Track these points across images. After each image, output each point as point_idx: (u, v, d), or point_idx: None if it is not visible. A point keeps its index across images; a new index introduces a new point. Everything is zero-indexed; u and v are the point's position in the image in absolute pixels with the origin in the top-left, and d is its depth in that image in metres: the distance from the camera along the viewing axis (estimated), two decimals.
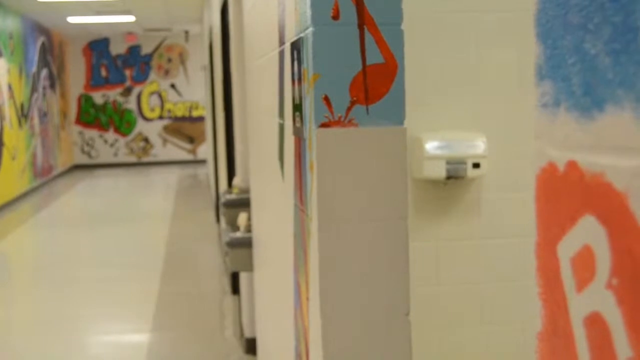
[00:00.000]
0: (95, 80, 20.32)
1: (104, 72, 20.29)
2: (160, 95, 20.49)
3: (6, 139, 13.61)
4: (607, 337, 0.62)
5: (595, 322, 0.64)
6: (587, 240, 0.65)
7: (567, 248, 0.69)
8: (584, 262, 0.66)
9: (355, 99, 1.95)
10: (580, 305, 0.67)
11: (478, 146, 3.00)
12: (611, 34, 0.61)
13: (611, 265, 0.61)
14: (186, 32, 19.55)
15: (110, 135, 20.46)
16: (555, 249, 0.71)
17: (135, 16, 15.69)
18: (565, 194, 0.68)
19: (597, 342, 0.64)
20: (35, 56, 16.39)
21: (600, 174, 0.62)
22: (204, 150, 19.74)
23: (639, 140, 0.57)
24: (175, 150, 20.60)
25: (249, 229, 4.54)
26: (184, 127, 20.59)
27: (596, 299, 0.63)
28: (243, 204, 4.84)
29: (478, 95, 3.05)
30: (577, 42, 0.66)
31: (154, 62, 20.36)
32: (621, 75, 0.60)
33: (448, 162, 2.98)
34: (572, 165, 0.67)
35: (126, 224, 11.36)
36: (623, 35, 0.59)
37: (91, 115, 20.40)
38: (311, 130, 2.00)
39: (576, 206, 0.66)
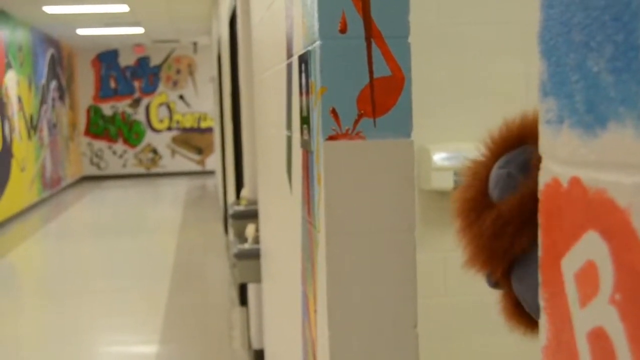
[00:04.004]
0: (104, 92, 20.39)
1: (112, 84, 20.36)
2: (168, 107, 20.55)
3: (15, 150, 13.65)
4: (611, 352, 0.63)
5: (598, 337, 0.65)
6: (591, 256, 0.66)
7: (571, 263, 0.69)
8: (588, 278, 0.66)
9: (362, 112, 1.96)
10: (584, 320, 0.67)
11: None
12: (613, 52, 0.62)
13: (614, 280, 0.62)
14: (194, 44, 19.62)
15: (119, 146, 20.51)
16: (559, 264, 0.72)
17: (144, 28, 15.75)
18: (569, 210, 0.69)
19: (600, 356, 0.65)
20: (44, 68, 16.46)
21: (603, 190, 0.63)
22: (213, 162, 19.77)
23: None
24: (184, 161, 20.64)
25: (257, 240, 4.55)
26: (192, 138, 20.63)
27: (599, 314, 0.64)
28: (251, 215, 4.85)
29: (485, 107, 3.05)
30: (580, 59, 0.67)
31: (163, 74, 20.42)
32: (623, 93, 0.60)
33: (456, 173, 2.99)
34: (575, 181, 0.68)
35: (135, 235, 11.39)
36: (625, 54, 0.60)
37: (100, 127, 20.46)
38: (319, 143, 2.01)
39: (580, 222, 0.67)
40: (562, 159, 0.70)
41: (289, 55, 2.56)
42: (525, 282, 1.06)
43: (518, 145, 1.12)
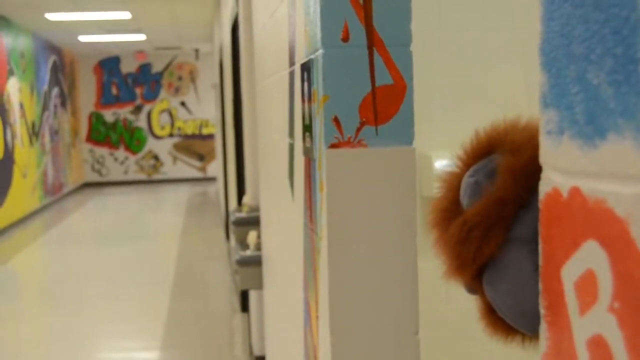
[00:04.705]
0: (105, 99, 20.41)
1: (114, 90, 20.38)
2: (170, 113, 20.57)
3: (17, 157, 13.67)
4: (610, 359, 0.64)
5: (598, 345, 0.66)
6: (590, 264, 0.67)
7: (570, 272, 0.70)
8: (587, 286, 0.67)
9: (364, 120, 1.97)
10: (583, 327, 0.68)
11: None
12: (613, 65, 0.63)
13: (613, 289, 0.63)
14: (196, 51, 19.64)
15: (121, 153, 20.52)
16: (559, 273, 0.73)
17: (146, 35, 15.78)
18: (569, 219, 0.70)
19: None
20: (46, 75, 16.49)
21: (602, 200, 0.64)
22: (214, 168, 19.78)
23: (639, 169, 0.59)
24: (185, 168, 20.65)
25: (258, 247, 4.56)
26: (194, 145, 20.64)
27: (599, 322, 0.65)
28: (253, 222, 4.86)
29: (487, 113, 3.06)
30: (580, 72, 0.68)
31: (165, 80, 20.44)
32: (622, 105, 0.61)
33: None
34: (575, 191, 0.69)
35: (136, 242, 11.39)
36: (624, 67, 0.61)
37: (102, 133, 20.48)
38: (321, 150, 2.02)
39: (579, 231, 0.68)
40: (562, 169, 0.71)
41: (292, 63, 2.57)
42: (495, 286, 1.08)
43: (488, 154, 1.14)
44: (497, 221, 1.03)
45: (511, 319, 1.08)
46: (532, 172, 1.02)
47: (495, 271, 1.06)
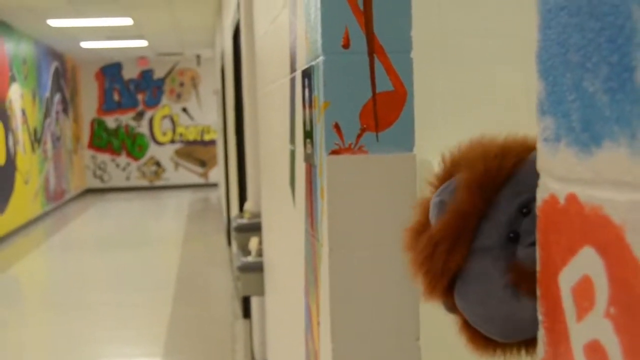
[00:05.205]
0: (107, 105, 20.43)
1: (116, 97, 20.40)
2: (172, 119, 20.59)
3: (19, 163, 13.69)
4: None
5: (595, 350, 0.66)
6: (587, 270, 0.67)
7: (567, 278, 0.71)
8: (584, 292, 0.68)
9: (365, 126, 1.98)
10: (580, 333, 0.69)
11: None
12: (608, 73, 0.63)
13: (609, 295, 0.64)
14: (198, 57, 19.67)
15: (123, 159, 20.54)
16: (556, 279, 0.73)
17: (148, 41, 15.81)
18: (566, 225, 0.71)
19: None
20: (48, 81, 16.51)
21: (599, 207, 0.65)
22: (216, 174, 19.79)
23: (634, 176, 0.60)
24: (187, 174, 20.66)
25: (260, 253, 4.56)
26: (195, 151, 20.66)
27: (595, 327, 0.66)
28: (254, 228, 4.86)
29: (487, 119, 3.07)
30: (576, 80, 0.68)
31: (166, 86, 20.47)
32: (617, 113, 0.62)
33: None
34: (572, 198, 0.69)
35: (138, 248, 11.40)
36: (619, 75, 0.62)
37: (103, 140, 20.50)
38: (322, 157, 2.03)
39: (576, 238, 0.69)
40: (559, 176, 0.72)
41: (293, 69, 2.58)
42: (464, 296, 1.10)
43: (452, 176, 1.18)
44: (460, 234, 1.07)
45: (483, 328, 1.10)
46: (486, 184, 1.08)
47: (463, 283, 1.09)
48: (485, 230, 1.06)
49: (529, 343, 1.06)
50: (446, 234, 1.08)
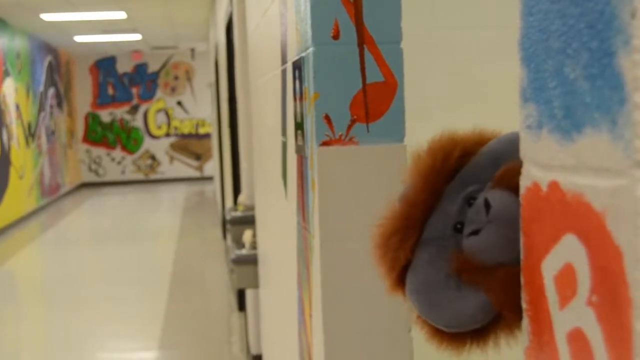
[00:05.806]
0: (102, 99, 20.40)
1: (110, 91, 20.36)
2: (167, 113, 20.56)
3: (14, 158, 13.66)
4: (589, 353, 0.64)
5: (577, 338, 0.66)
6: (569, 258, 0.67)
7: (550, 266, 0.71)
8: (566, 280, 0.67)
9: (355, 117, 1.97)
10: (563, 321, 0.69)
11: None
12: (588, 59, 0.63)
13: (591, 283, 0.63)
14: (192, 50, 19.63)
15: (118, 153, 20.51)
16: (539, 267, 0.73)
17: (142, 34, 15.77)
18: (548, 213, 0.70)
19: (579, 357, 0.66)
20: (42, 75, 16.47)
21: (580, 194, 0.64)
22: (211, 168, 19.78)
23: (614, 162, 0.59)
24: (182, 167, 20.64)
25: (254, 246, 4.56)
26: (190, 145, 20.64)
27: (578, 315, 0.65)
28: (248, 221, 4.85)
29: (478, 111, 3.07)
30: (557, 66, 0.68)
31: (161, 80, 20.43)
32: (598, 99, 0.62)
33: None
34: (554, 185, 0.69)
35: (133, 242, 11.39)
36: (599, 61, 0.61)
37: (98, 134, 20.46)
38: (312, 148, 2.02)
39: (558, 225, 0.68)
40: (541, 163, 0.72)
41: (284, 61, 2.57)
42: (410, 287, 1.10)
43: None
44: (409, 226, 1.08)
45: (428, 317, 1.09)
46: (432, 177, 1.10)
47: (411, 273, 1.09)
48: (433, 222, 1.07)
49: (477, 334, 1.06)
50: (395, 227, 1.10)
